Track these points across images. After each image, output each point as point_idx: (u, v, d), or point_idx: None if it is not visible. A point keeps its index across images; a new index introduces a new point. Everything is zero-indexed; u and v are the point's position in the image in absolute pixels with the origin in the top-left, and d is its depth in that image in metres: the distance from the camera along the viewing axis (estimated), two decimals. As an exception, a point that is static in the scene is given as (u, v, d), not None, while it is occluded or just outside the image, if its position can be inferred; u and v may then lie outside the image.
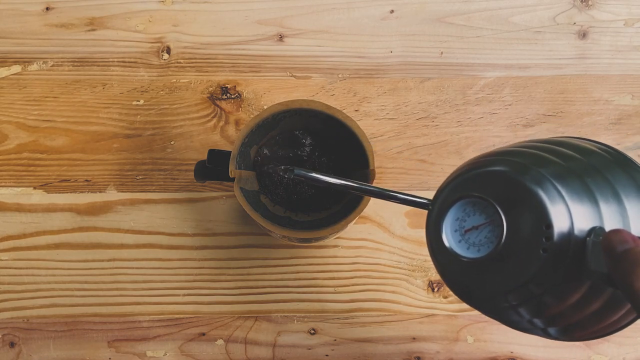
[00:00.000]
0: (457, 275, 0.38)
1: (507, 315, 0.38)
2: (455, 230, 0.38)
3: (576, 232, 0.34)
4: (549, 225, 0.34)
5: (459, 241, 0.38)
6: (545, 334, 0.38)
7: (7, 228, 0.61)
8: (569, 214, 0.34)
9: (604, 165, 0.37)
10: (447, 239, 0.38)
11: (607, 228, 0.34)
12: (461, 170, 0.39)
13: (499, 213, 0.36)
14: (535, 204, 0.35)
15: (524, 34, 0.63)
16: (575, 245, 0.34)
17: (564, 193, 0.35)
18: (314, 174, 0.42)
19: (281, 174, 0.51)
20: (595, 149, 0.39)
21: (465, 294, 0.39)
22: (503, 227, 0.35)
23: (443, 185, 0.39)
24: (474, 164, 0.38)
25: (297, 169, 0.42)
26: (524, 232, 0.35)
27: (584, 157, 0.37)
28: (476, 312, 0.60)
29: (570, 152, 0.37)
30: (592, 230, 0.34)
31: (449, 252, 0.38)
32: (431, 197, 0.40)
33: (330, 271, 0.61)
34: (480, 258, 0.36)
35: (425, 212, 0.40)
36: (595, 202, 0.35)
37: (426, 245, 0.39)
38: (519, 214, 0.35)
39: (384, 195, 0.41)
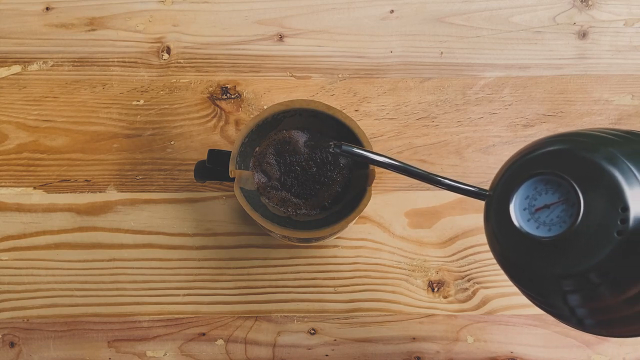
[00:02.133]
0: (517, 254, 0.36)
1: (551, 300, 0.36)
2: (525, 209, 0.36)
3: None
4: (625, 208, 0.33)
5: (528, 220, 0.36)
6: (579, 325, 0.37)
7: (7, 228, 0.61)
8: None
9: None
10: (516, 216, 0.36)
11: None
12: (523, 152, 0.37)
13: (576, 192, 0.34)
14: (611, 185, 0.33)
15: (524, 34, 0.63)
16: None
17: (638, 175, 0.33)
18: (357, 150, 0.40)
19: (331, 150, 0.50)
20: None
21: (520, 274, 0.37)
22: (580, 207, 0.34)
23: (505, 167, 0.38)
24: (535, 146, 0.37)
25: (345, 145, 0.40)
26: (598, 213, 0.33)
27: None
28: (476, 312, 0.60)
29: (627, 135, 0.36)
30: None
31: (516, 230, 0.36)
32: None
33: (330, 271, 0.61)
34: (550, 237, 0.35)
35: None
36: None
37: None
38: (593, 194, 0.33)
39: (430, 179, 0.40)
